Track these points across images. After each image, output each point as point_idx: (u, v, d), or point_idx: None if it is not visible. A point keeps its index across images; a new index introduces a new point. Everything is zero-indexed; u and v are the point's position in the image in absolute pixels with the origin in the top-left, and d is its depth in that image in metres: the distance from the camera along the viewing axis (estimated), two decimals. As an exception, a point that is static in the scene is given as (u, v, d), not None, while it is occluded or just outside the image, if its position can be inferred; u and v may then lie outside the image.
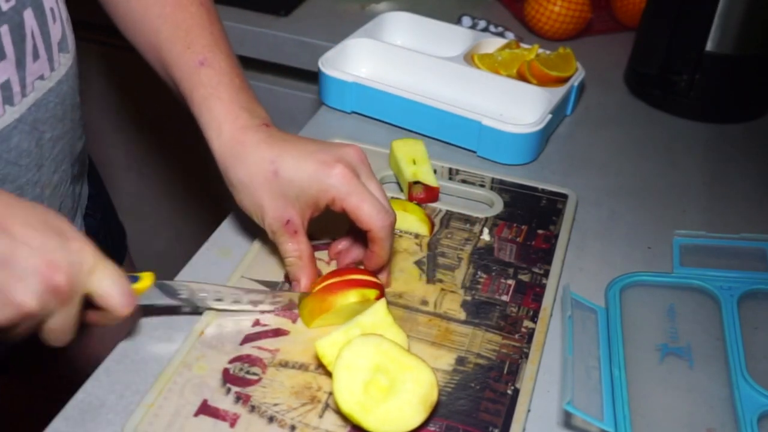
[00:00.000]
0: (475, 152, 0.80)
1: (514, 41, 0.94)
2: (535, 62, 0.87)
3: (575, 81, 0.87)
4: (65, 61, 0.62)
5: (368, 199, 0.57)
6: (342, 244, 0.65)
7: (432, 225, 0.69)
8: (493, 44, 0.94)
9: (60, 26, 0.61)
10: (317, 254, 0.64)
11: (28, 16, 0.56)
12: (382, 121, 0.85)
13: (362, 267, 0.62)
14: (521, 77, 0.88)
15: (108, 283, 0.49)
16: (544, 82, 0.87)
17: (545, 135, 0.81)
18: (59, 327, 0.49)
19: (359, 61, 0.91)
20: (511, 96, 0.85)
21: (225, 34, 0.68)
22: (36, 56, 0.58)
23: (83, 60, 0.69)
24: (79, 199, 0.74)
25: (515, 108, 0.85)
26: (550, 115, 0.80)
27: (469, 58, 0.90)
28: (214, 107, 0.62)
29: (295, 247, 0.60)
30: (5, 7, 0.54)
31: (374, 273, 0.61)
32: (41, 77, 0.59)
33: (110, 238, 0.86)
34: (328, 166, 0.57)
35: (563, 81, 0.87)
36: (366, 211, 0.57)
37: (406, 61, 0.89)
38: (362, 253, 0.63)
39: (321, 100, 0.88)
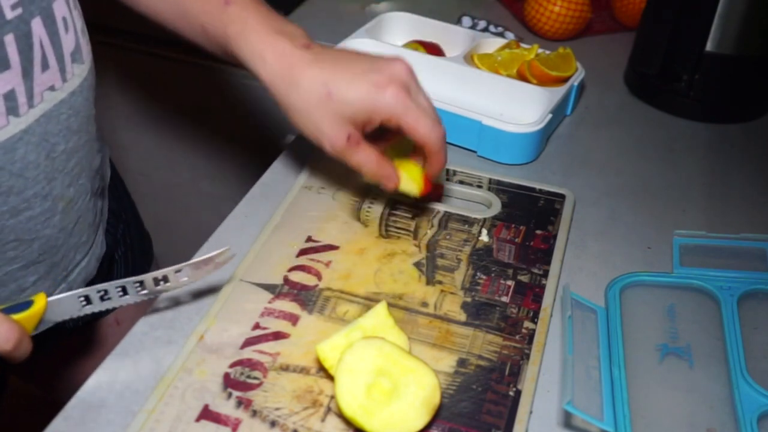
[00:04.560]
0: (475, 152, 0.81)
1: (514, 41, 0.94)
2: (535, 62, 0.87)
3: (575, 81, 0.87)
4: (79, 72, 0.61)
5: (422, 116, 0.62)
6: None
7: (426, 188, 0.67)
8: (493, 44, 0.94)
9: (74, 36, 0.60)
10: (317, 256, 0.65)
11: (37, 25, 0.55)
12: (382, 122, 0.85)
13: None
14: (521, 77, 0.88)
15: None
16: (544, 82, 0.87)
17: (545, 135, 0.81)
18: None
19: (359, 61, 0.91)
20: (511, 96, 0.85)
21: None
22: (45, 66, 0.56)
23: (97, 64, 0.69)
24: (101, 214, 0.73)
25: (515, 108, 0.85)
26: (550, 115, 0.80)
27: (469, 58, 0.90)
28: (250, 38, 0.64)
29: (364, 155, 0.63)
30: (10, 15, 0.52)
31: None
32: (51, 88, 0.57)
33: (137, 247, 0.86)
34: (381, 87, 0.61)
35: (563, 81, 0.87)
36: (422, 129, 0.62)
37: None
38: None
39: (321, 101, 0.88)
